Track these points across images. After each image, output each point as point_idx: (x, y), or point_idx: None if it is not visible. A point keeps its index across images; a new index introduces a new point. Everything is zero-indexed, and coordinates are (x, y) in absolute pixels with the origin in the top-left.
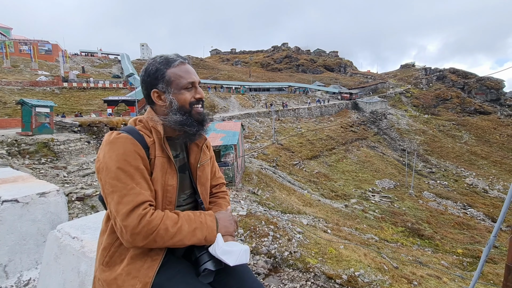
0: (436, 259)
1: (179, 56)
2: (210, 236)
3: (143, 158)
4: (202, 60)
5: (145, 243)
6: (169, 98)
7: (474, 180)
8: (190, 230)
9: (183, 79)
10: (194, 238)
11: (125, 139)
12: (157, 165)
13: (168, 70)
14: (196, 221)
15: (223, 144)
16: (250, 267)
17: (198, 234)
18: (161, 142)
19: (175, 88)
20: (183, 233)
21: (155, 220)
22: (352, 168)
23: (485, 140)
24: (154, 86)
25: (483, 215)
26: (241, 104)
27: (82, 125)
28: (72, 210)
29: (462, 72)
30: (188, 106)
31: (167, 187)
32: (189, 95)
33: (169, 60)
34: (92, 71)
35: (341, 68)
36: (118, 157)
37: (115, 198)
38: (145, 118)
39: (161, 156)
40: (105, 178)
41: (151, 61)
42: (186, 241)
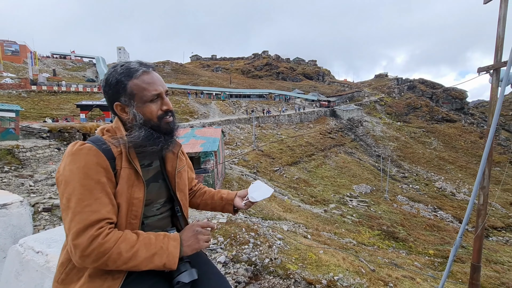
0: (410, 260)
1: (142, 64)
2: (170, 263)
3: (106, 170)
4: (182, 66)
5: (95, 266)
6: (133, 112)
7: (442, 184)
8: (147, 256)
9: (147, 92)
10: (151, 264)
11: (88, 151)
12: (123, 177)
13: (130, 82)
14: (156, 245)
15: (203, 150)
16: (230, 276)
17: (157, 260)
18: (127, 153)
19: (138, 101)
20: (139, 259)
21: (108, 243)
22: (330, 174)
23: (451, 146)
24: (116, 99)
25: (451, 217)
26: (222, 111)
27: (52, 130)
28: (39, 222)
29: (430, 82)
30: (156, 120)
31: (132, 200)
32: (155, 107)
33: (131, 70)
34: (64, 74)
35: (320, 77)
36: (78, 170)
37: (69, 215)
38: (113, 128)
39: (128, 167)
40: (62, 192)
41: (112, 70)
42: (143, 267)
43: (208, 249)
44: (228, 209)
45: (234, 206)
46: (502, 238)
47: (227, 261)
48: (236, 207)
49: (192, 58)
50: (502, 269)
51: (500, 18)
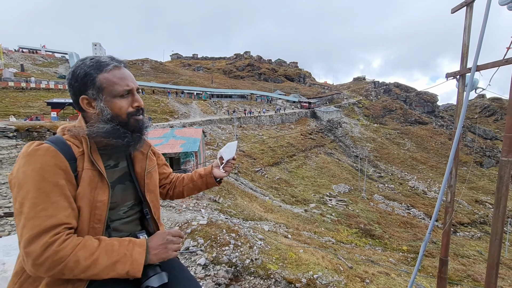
0: (385, 256)
1: (114, 59)
2: (134, 271)
3: (66, 172)
4: (162, 64)
5: (50, 275)
6: (100, 106)
7: (415, 183)
8: (108, 264)
9: (118, 86)
10: (113, 272)
11: (45, 151)
12: (84, 179)
13: (100, 75)
14: (119, 252)
15: (183, 151)
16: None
17: (119, 268)
18: (89, 153)
19: (107, 95)
20: (99, 267)
21: (64, 250)
22: (311, 174)
23: (423, 147)
24: (83, 92)
25: (423, 214)
26: (203, 111)
27: (19, 130)
28: (2, 228)
29: (404, 86)
30: (124, 116)
31: (96, 204)
32: (125, 103)
33: (101, 63)
34: (34, 70)
35: (301, 78)
36: (34, 172)
37: (22, 220)
38: (75, 127)
39: (90, 168)
40: (15, 196)
41: (80, 63)
42: (103, 275)
43: (187, 252)
44: (211, 182)
45: (216, 178)
46: (468, 233)
47: (207, 263)
48: (217, 177)
49: (172, 56)
50: (468, 262)
51: (465, 27)
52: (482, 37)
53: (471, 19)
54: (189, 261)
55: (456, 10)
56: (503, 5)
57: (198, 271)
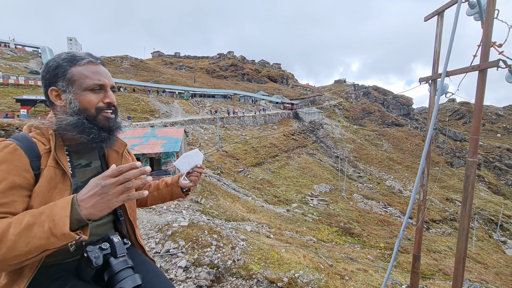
0: (364, 254)
1: (91, 55)
2: (58, 228)
3: (23, 169)
4: (143, 62)
5: None
6: (69, 98)
7: (392, 182)
8: (21, 230)
9: (89, 80)
10: (34, 239)
11: (3, 147)
12: (45, 176)
13: (72, 68)
14: (33, 214)
15: (164, 151)
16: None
17: (37, 231)
18: (54, 150)
19: (77, 88)
20: (10, 237)
21: None
22: (293, 174)
23: (399, 148)
24: (52, 84)
25: (399, 213)
26: (185, 110)
27: None
28: None
29: (382, 89)
30: (93, 111)
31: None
32: (95, 98)
33: (76, 57)
34: (1, 64)
35: (284, 80)
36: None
37: None
38: (44, 124)
39: (53, 166)
40: None
41: (55, 56)
42: (23, 246)
43: (168, 254)
44: (177, 193)
45: (182, 188)
46: (439, 230)
47: (188, 265)
48: (183, 187)
49: (153, 54)
50: (440, 257)
51: (437, 34)
52: (451, 44)
53: (442, 27)
54: (170, 263)
55: (428, 18)
56: (470, 15)
57: (179, 274)
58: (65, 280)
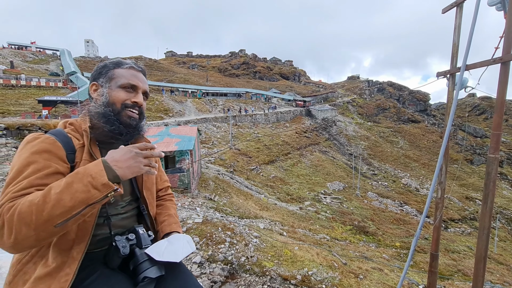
0: (379, 253)
1: (135, 63)
2: (97, 181)
3: (61, 159)
4: (157, 62)
5: (15, 235)
6: (103, 92)
7: (408, 180)
8: (62, 189)
9: (124, 79)
10: (76, 193)
11: (44, 139)
12: None
13: (115, 69)
14: (71, 175)
15: (178, 149)
16: (206, 276)
17: (77, 186)
18: (89, 145)
19: (113, 84)
20: (53, 196)
21: (16, 202)
22: (306, 172)
23: (416, 145)
24: (95, 79)
25: (415, 211)
26: (198, 109)
27: (9, 128)
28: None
29: (398, 85)
30: (119, 106)
31: None
32: (124, 95)
33: (121, 62)
34: (24, 67)
35: (296, 77)
36: (27, 154)
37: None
38: (77, 121)
39: (88, 160)
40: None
41: (107, 60)
42: (68, 202)
43: None
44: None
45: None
46: (458, 229)
47: (202, 261)
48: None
49: (167, 54)
50: (459, 257)
51: (455, 27)
52: (471, 36)
53: (461, 19)
54: (185, 259)
55: (446, 10)
56: (492, 5)
57: (194, 269)
58: (94, 268)
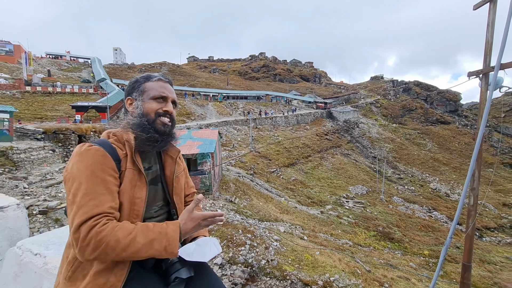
0: (405, 261)
1: (162, 75)
2: (170, 247)
3: (112, 170)
4: (179, 67)
5: (96, 256)
6: (137, 104)
7: (437, 185)
8: (146, 242)
9: (155, 91)
10: (151, 250)
11: (96, 151)
12: (127, 177)
13: (146, 83)
14: (154, 231)
15: (200, 152)
16: (227, 277)
17: (156, 245)
18: (132, 154)
19: (145, 97)
20: (138, 245)
21: (105, 231)
22: (327, 175)
23: (446, 147)
24: (130, 94)
25: (446, 218)
26: (219, 112)
27: (47, 132)
28: (33, 224)
29: (425, 84)
30: (153, 115)
31: (135, 200)
32: (156, 105)
33: (150, 76)
34: (59, 75)
35: (316, 78)
36: (86, 168)
37: (74, 209)
38: (119, 132)
39: (132, 168)
40: (69, 189)
41: (137, 76)
42: (143, 253)
43: None
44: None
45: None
46: (495, 239)
47: (223, 263)
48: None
49: (189, 59)
50: (495, 269)
51: (488, 24)
52: (506, 34)
53: (494, 15)
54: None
55: (478, 6)
56: None
57: (215, 271)
58: (130, 268)
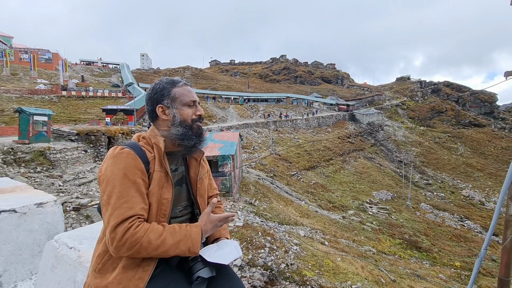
0: (434, 272)
1: (182, 79)
2: (193, 248)
3: (142, 172)
4: (202, 71)
5: (129, 254)
6: (173, 112)
7: (470, 192)
8: (173, 243)
9: (186, 97)
10: (177, 250)
11: (127, 154)
12: (155, 179)
13: (174, 89)
14: (180, 233)
15: (220, 154)
16: (246, 280)
17: (182, 246)
18: (161, 157)
19: (179, 104)
20: (167, 246)
21: (139, 232)
22: (349, 179)
23: (480, 152)
24: (159, 102)
25: (480, 228)
26: (240, 115)
27: (80, 134)
28: (67, 220)
29: (456, 85)
30: (189, 121)
31: (162, 201)
32: (190, 111)
33: (175, 81)
34: (92, 80)
35: (338, 80)
36: (119, 171)
37: (109, 210)
38: (148, 135)
39: (160, 170)
40: (103, 189)
41: (158, 81)
42: (170, 252)
43: None
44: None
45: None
46: None
47: (243, 264)
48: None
49: (211, 63)
50: None
51: None
52: None
53: None
54: None
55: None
56: None
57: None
58: (156, 263)
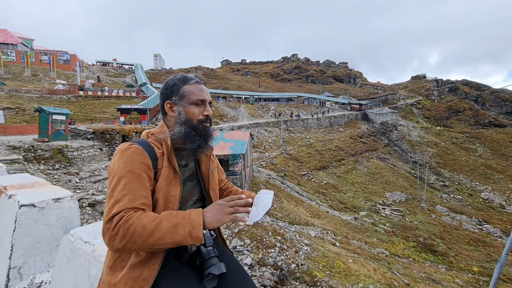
0: (450, 277)
1: (197, 77)
2: (195, 231)
3: (148, 167)
4: (213, 71)
5: (124, 244)
6: (179, 110)
7: (490, 194)
8: (170, 226)
9: (195, 95)
10: (177, 235)
11: (135, 149)
12: (163, 175)
13: (184, 86)
14: (177, 216)
15: (231, 153)
16: (256, 279)
17: (181, 230)
18: (168, 153)
19: (186, 102)
20: (163, 230)
21: (132, 218)
22: (361, 180)
23: (500, 153)
24: (168, 98)
25: (500, 232)
26: (250, 114)
27: (96, 132)
28: (82, 216)
29: (475, 84)
30: (195, 122)
31: (169, 197)
32: (197, 111)
33: (187, 78)
34: (107, 80)
35: (351, 79)
36: (125, 165)
37: (111, 202)
38: (157, 131)
39: (168, 167)
40: (109, 183)
41: (172, 77)
42: (168, 238)
43: (235, 250)
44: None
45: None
46: None
47: (253, 263)
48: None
49: (222, 63)
50: None
51: None
52: None
53: None
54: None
55: None
56: None
57: None
58: (167, 261)
